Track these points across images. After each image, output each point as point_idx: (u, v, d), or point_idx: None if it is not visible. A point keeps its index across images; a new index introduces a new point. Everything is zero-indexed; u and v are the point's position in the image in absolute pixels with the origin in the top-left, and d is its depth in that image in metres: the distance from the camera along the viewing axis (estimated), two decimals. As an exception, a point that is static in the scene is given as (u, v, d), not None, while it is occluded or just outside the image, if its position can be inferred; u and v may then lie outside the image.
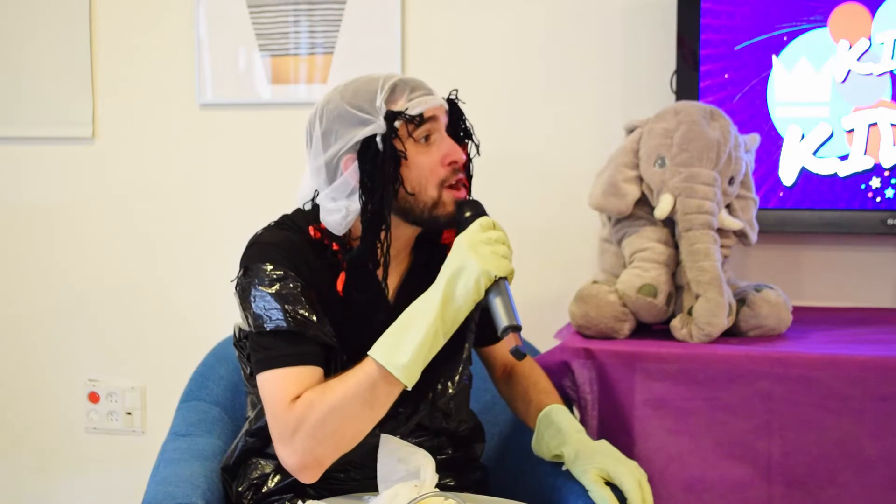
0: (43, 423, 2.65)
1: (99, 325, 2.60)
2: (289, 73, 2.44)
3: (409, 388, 1.40)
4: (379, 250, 1.49)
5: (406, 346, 1.38)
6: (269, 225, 1.56)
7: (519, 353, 1.36)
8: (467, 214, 1.47)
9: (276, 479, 1.55)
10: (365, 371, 1.39)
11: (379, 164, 1.46)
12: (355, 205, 1.49)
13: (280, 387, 1.43)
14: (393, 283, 1.57)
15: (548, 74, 2.34)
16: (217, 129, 2.51)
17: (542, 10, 2.33)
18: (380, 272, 1.51)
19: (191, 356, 2.04)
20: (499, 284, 1.39)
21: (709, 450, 1.71)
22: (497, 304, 1.38)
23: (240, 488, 1.58)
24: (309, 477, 1.43)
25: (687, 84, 2.11)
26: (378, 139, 1.47)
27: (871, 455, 1.66)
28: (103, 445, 2.63)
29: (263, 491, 1.55)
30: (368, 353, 1.40)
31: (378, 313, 1.50)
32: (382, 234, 1.49)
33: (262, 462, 1.57)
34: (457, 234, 1.45)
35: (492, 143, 2.32)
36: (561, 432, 1.57)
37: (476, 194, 1.64)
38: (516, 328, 1.37)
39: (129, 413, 2.60)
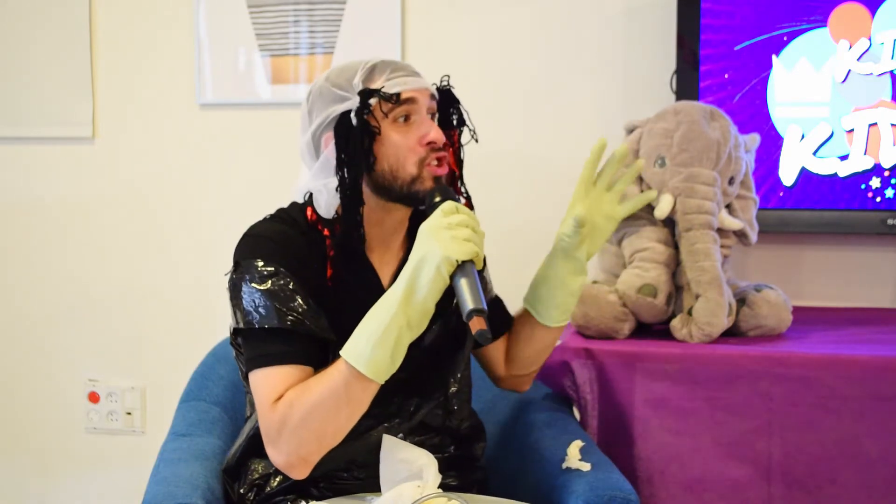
0: (43, 423, 2.65)
1: (99, 325, 2.60)
2: (289, 73, 2.44)
3: (381, 383, 1.39)
4: (362, 229, 1.49)
5: (370, 339, 1.37)
6: (265, 218, 1.57)
7: (484, 337, 1.32)
8: (436, 199, 1.45)
9: (277, 480, 1.55)
10: (339, 369, 1.39)
11: (352, 139, 1.47)
12: (334, 182, 1.49)
13: (267, 386, 1.44)
14: (389, 270, 1.57)
15: (548, 74, 2.34)
16: (217, 129, 2.51)
17: (543, 11, 2.33)
18: (371, 256, 1.52)
19: (191, 356, 2.04)
20: (464, 268, 1.35)
21: (709, 450, 1.71)
22: (462, 288, 1.34)
23: (241, 490, 1.58)
24: (298, 474, 1.44)
25: (687, 84, 2.11)
26: (352, 115, 1.48)
27: (871, 455, 1.66)
28: (103, 445, 2.63)
29: (266, 492, 1.55)
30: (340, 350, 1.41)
31: (373, 300, 1.50)
32: (365, 211, 1.49)
33: (263, 463, 1.57)
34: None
35: (491, 142, 2.32)
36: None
37: (476, 194, 1.64)
38: (481, 311, 1.33)
39: (129, 413, 2.60)
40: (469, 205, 1.59)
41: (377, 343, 1.36)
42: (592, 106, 2.32)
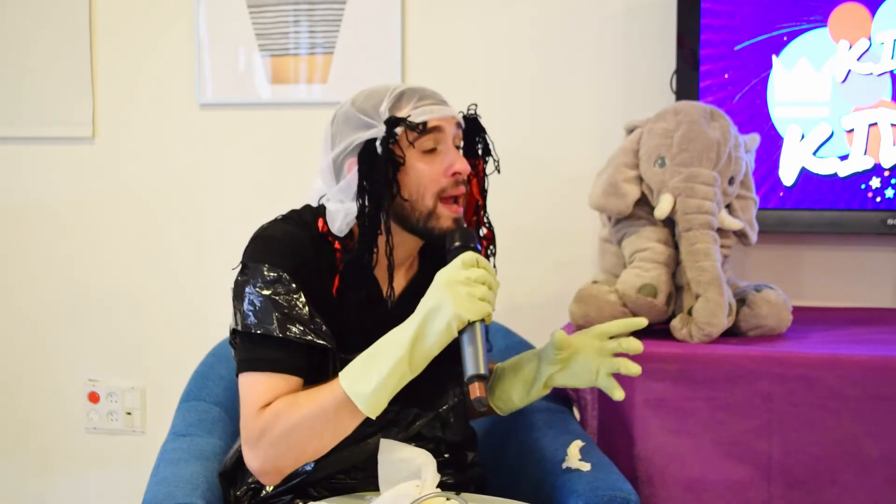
0: (43, 423, 2.65)
1: (99, 325, 2.60)
2: (289, 73, 2.44)
3: (374, 419, 1.40)
4: (375, 254, 1.49)
5: (372, 378, 1.37)
6: (276, 218, 1.56)
7: (480, 404, 1.33)
8: (456, 244, 1.43)
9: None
10: (333, 394, 1.40)
11: (376, 167, 1.46)
12: (353, 206, 1.49)
13: (254, 391, 1.44)
14: (396, 291, 1.57)
15: (548, 74, 2.34)
16: (217, 129, 2.51)
17: (542, 11, 2.33)
18: (380, 274, 1.52)
19: (191, 356, 2.04)
20: (473, 327, 1.35)
21: (709, 450, 1.71)
22: (467, 351, 1.35)
23: (238, 493, 1.58)
24: (268, 481, 1.46)
25: (687, 84, 2.11)
26: (377, 143, 1.46)
27: (871, 455, 1.66)
28: (103, 445, 2.63)
29: (262, 495, 1.55)
30: (339, 374, 1.41)
31: (377, 317, 1.50)
32: (381, 238, 1.48)
33: None
34: (445, 261, 1.42)
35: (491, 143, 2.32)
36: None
37: (476, 194, 1.63)
38: (482, 377, 1.34)
39: (129, 413, 2.60)
40: (491, 234, 1.59)
41: (380, 385, 1.37)
42: (592, 106, 2.32)
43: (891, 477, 1.66)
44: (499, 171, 1.60)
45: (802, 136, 2.07)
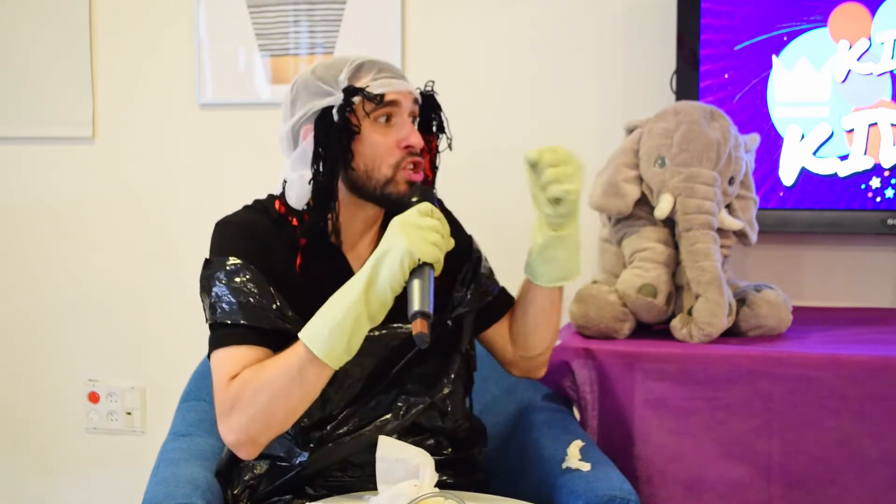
0: (43, 423, 2.65)
1: (99, 325, 2.60)
2: (289, 73, 2.44)
3: (336, 369, 1.40)
4: (331, 221, 1.51)
5: (328, 327, 1.38)
6: (242, 207, 1.60)
7: (422, 339, 1.34)
8: (414, 199, 1.46)
9: (270, 479, 1.55)
10: (295, 351, 1.41)
11: (332, 135, 1.49)
12: (309, 174, 1.51)
13: (222, 366, 1.46)
14: (362, 262, 1.57)
15: (548, 74, 2.34)
16: (217, 129, 2.51)
17: (543, 10, 2.33)
18: (345, 246, 1.54)
19: (191, 356, 2.04)
20: (423, 269, 1.37)
21: (709, 450, 1.71)
22: (414, 287, 1.36)
23: (235, 491, 1.58)
24: (245, 454, 1.46)
25: (687, 84, 2.11)
26: (334, 111, 1.49)
27: (871, 455, 1.66)
28: (103, 445, 2.63)
29: (259, 492, 1.55)
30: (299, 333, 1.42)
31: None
32: (336, 205, 1.51)
33: (254, 463, 1.57)
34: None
35: (491, 142, 2.32)
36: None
37: (475, 193, 1.64)
38: (426, 315, 1.35)
39: (129, 413, 2.60)
40: (442, 209, 1.60)
41: (334, 329, 1.37)
42: (592, 106, 2.32)
43: (891, 477, 1.66)
44: (451, 148, 1.62)
45: (802, 136, 2.07)
